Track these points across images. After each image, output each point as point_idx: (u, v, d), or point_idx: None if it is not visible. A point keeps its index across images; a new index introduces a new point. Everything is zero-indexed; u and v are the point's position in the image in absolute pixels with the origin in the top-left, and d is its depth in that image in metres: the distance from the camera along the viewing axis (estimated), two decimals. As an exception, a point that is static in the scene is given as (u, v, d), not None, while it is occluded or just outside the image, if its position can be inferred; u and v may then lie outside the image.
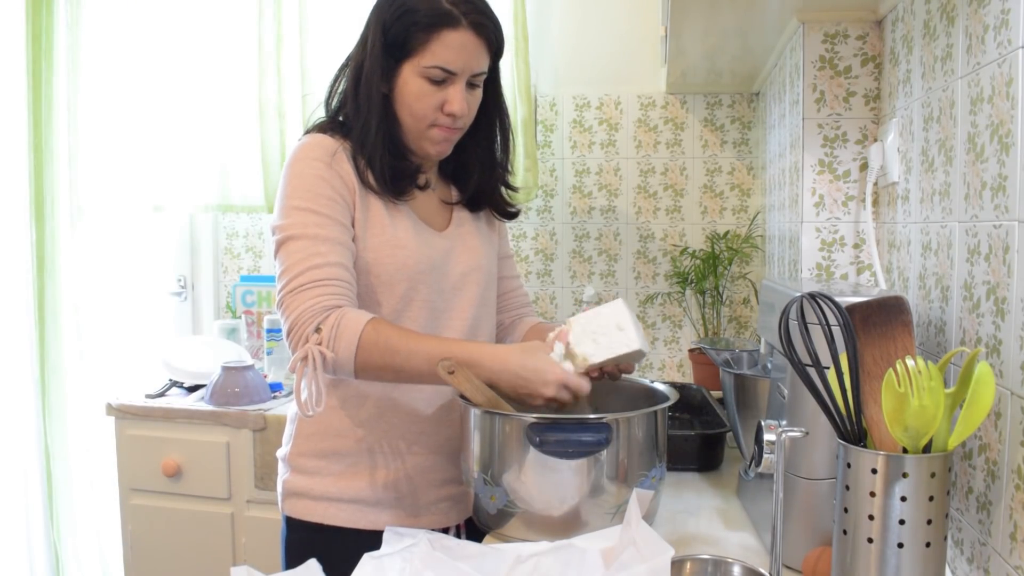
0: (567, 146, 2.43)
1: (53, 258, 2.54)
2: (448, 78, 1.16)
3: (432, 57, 1.14)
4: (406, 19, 1.15)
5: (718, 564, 0.97)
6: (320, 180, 1.15)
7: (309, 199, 1.14)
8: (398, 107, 1.19)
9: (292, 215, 1.14)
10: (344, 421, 1.22)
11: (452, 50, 1.14)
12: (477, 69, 1.18)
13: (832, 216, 1.45)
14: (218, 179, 2.52)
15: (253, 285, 2.64)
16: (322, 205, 1.14)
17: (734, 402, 1.23)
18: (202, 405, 2.12)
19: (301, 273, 1.10)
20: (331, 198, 1.15)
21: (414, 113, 1.18)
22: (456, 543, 1.03)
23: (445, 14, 1.14)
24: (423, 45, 1.14)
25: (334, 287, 1.11)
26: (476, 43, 1.16)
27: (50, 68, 2.50)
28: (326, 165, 1.16)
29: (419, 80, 1.16)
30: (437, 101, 1.17)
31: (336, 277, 1.12)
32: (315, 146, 1.18)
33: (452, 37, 1.14)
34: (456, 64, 1.15)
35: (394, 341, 1.08)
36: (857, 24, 1.41)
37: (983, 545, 0.89)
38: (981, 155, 0.90)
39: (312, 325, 1.08)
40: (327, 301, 1.09)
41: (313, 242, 1.12)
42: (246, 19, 2.46)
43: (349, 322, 1.08)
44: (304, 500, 1.23)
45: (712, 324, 2.29)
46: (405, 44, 1.15)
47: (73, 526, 2.58)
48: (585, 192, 2.43)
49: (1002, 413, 0.84)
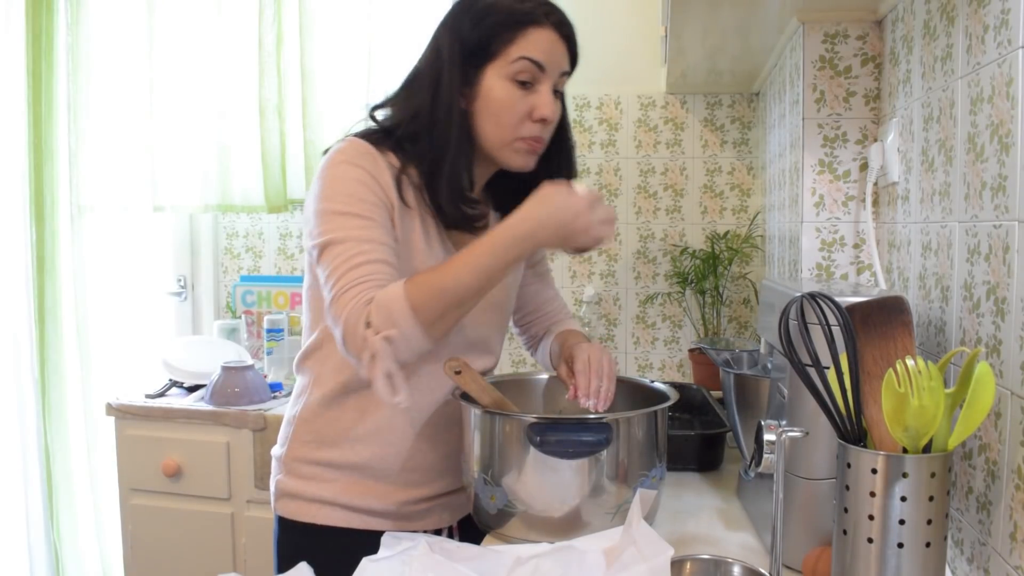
0: (567, 146, 2.43)
1: (53, 258, 2.55)
2: (536, 78, 1.11)
3: (519, 50, 1.10)
4: (488, 21, 1.10)
5: (718, 564, 0.97)
6: (361, 184, 1.09)
7: (351, 203, 1.08)
8: (480, 119, 1.13)
9: (332, 220, 1.07)
10: (342, 433, 1.19)
11: (540, 45, 1.10)
12: (563, 68, 1.14)
13: (832, 216, 1.45)
14: (218, 179, 2.53)
15: (253, 285, 2.64)
16: (365, 209, 1.08)
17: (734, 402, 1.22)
18: (202, 405, 2.12)
19: (343, 275, 1.04)
20: (374, 203, 1.09)
21: (500, 120, 1.12)
22: (456, 545, 1.03)
23: (528, 12, 1.10)
24: (508, 44, 1.10)
25: (375, 280, 1.04)
26: (560, 44, 1.13)
27: (50, 68, 2.50)
28: (367, 171, 1.10)
29: (505, 84, 1.11)
30: (525, 107, 1.11)
31: (377, 272, 1.05)
32: (356, 150, 1.11)
33: (538, 34, 1.10)
34: (545, 58, 1.11)
35: (435, 280, 1.03)
36: (857, 24, 1.41)
37: (983, 545, 0.89)
38: (981, 155, 0.90)
39: (361, 324, 1.02)
40: (367, 295, 1.03)
41: (356, 243, 1.06)
42: (246, 19, 2.46)
43: (388, 297, 1.02)
44: (297, 501, 1.22)
45: (712, 324, 2.29)
46: (488, 46, 1.10)
47: (73, 526, 2.58)
48: (585, 192, 2.43)
49: (1002, 413, 0.84)
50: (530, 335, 1.43)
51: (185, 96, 2.52)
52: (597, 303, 2.44)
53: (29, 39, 2.48)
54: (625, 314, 2.44)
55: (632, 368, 2.44)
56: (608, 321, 2.45)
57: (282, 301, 2.61)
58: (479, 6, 1.12)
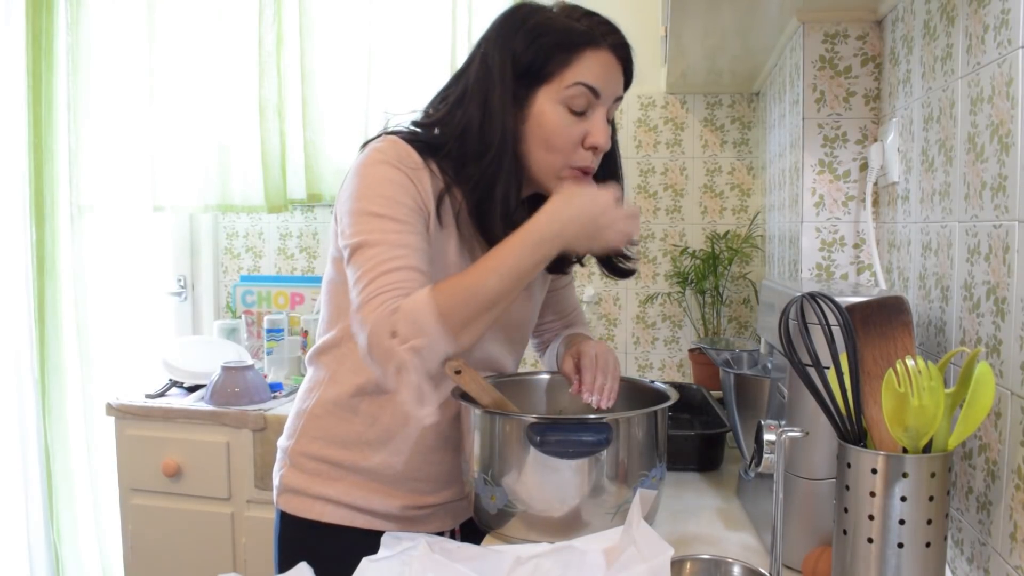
0: (567, 146, 2.43)
1: (53, 258, 2.55)
2: (590, 104, 1.07)
3: (575, 75, 1.05)
4: (543, 41, 1.06)
5: (718, 564, 0.97)
6: (400, 188, 1.05)
7: (388, 206, 1.04)
8: (528, 144, 1.08)
9: (368, 222, 1.03)
10: (352, 436, 1.19)
11: (595, 70, 1.06)
12: (618, 93, 1.11)
13: (832, 216, 1.45)
14: (218, 179, 2.53)
15: (253, 285, 2.64)
16: (401, 213, 1.04)
17: (734, 402, 1.22)
18: (202, 405, 2.12)
19: (373, 280, 1.01)
20: (411, 208, 1.05)
21: (552, 146, 1.07)
22: (456, 546, 1.03)
23: (585, 33, 1.06)
24: (564, 66, 1.05)
25: (403, 288, 1.00)
26: (616, 67, 1.09)
27: (50, 68, 2.50)
28: (406, 175, 1.06)
29: (558, 108, 1.06)
30: (578, 133, 1.07)
31: (407, 279, 1.01)
32: (396, 152, 1.07)
33: (595, 57, 1.06)
34: (601, 84, 1.07)
35: (462, 285, 1.00)
36: (857, 24, 1.41)
37: (983, 545, 0.89)
38: (981, 155, 0.90)
39: (387, 334, 0.98)
40: (393, 303, 0.99)
41: (390, 248, 1.02)
42: (246, 19, 2.46)
43: (414, 304, 0.98)
44: (300, 497, 1.21)
45: (712, 324, 2.29)
46: (543, 67, 1.06)
47: (73, 526, 2.58)
48: (585, 192, 2.43)
49: (1002, 413, 0.84)
50: (543, 340, 1.43)
51: (185, 96, 2.52)
52: (597, 303, 2.44)
53: (29, 39, 2.48)
54: (625, 314, 2.44)
55: (632, 368, 2.44)
56: (608, 321, 2.45)
57: (282, 301, 2.61)
58: (532, 22, 1.07)
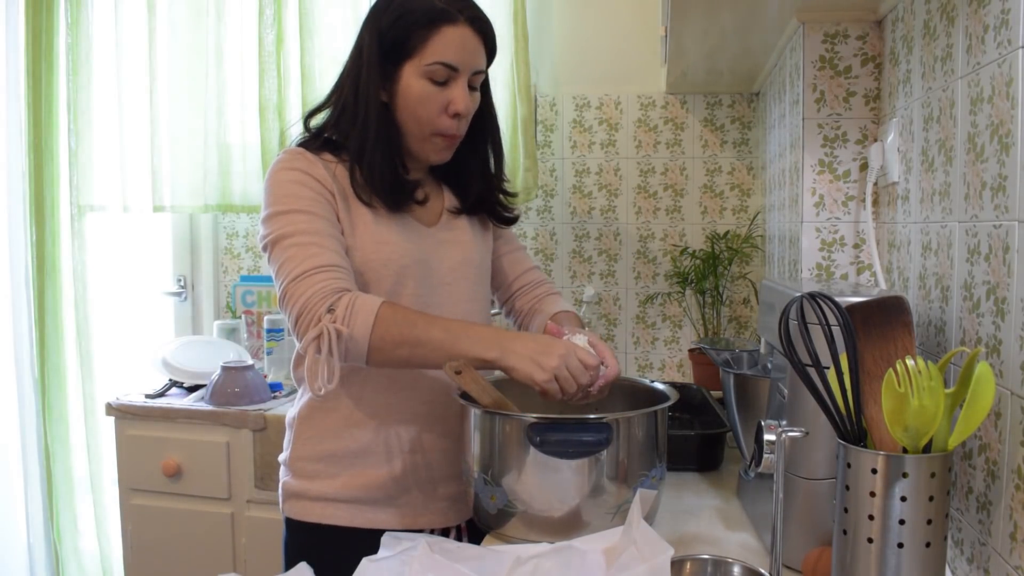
0: (567, 146, 2.43)
1: (53, 258, 2.54)
2: (451, 76, 1.17)
3: (433, 54, 1.15)
4: (404, 20, 1.16)
5: (718, 564, 0.97)
6: (297, 184, 1.16)
7: (292, 201, 1.15)
8: (400, 113, 1.19)
9: (277, 220, 1.15)
10: (342, 423, 1.22)
11: (453, 46, 1.16)
12: (477, 66, 1.20)
13: (832, 216, 1.45)
14: (218, 179, 2.52)
15: (253, 285, 2.64)
16: (305, 204, 1.15)
17: (734, 402, 1.22)
18: (202, 405, 2.12)
19: (302, 262, 1.10)
20: (313, 198, 1.16)
21: (418, 117, 1.18)
22: (456, 546, 1.03)
23: (443, 11, 1.15)
24: (423, 43, 1.15)
25: (337, 272, 1.11)
26: (475, 39, 1.18)
27: (50, 68, 2.50)
28: (302, 171, 1.17)
29: (421, 81, 1.16)
30: (441, 103, 1.17)
31: (337, 264, 1.12)
32: (288, 156, 1.20)
33: (452, 33, 1.15)
34: (458, 59, 1.16)
35: (410, 315, 1.09)
36: (857, 24, 1.41)
37: (983, 545, 0.89)
38: (981, 155, 0.90)
39: (324, 306, 1.07)
40: (335, 284, 1.09)
41: (306, 235, 1.12)
42: (246, 19, 2.46)
43: (365, 301, 1.07)
44: (302, 501, 1.23)
45: (712, 324, 2.29)
46: (404, 44, 1.16)
47: (73, 526, 2.58)
48: (585, 192, 2.43)
49: (1002, 413, 0.84)
50: (515, 310, 1.43)
51: (185, 96, 2.52)
52: (597, 303, 2.44)
53: (29, 39, 2.47)
54: (625, 314, 2.44)
55: (632, 368, 2.44)
56: (608, 321, 2.45)
57: (282, 301, 2.61)
58: (398, 2, 1.17)
